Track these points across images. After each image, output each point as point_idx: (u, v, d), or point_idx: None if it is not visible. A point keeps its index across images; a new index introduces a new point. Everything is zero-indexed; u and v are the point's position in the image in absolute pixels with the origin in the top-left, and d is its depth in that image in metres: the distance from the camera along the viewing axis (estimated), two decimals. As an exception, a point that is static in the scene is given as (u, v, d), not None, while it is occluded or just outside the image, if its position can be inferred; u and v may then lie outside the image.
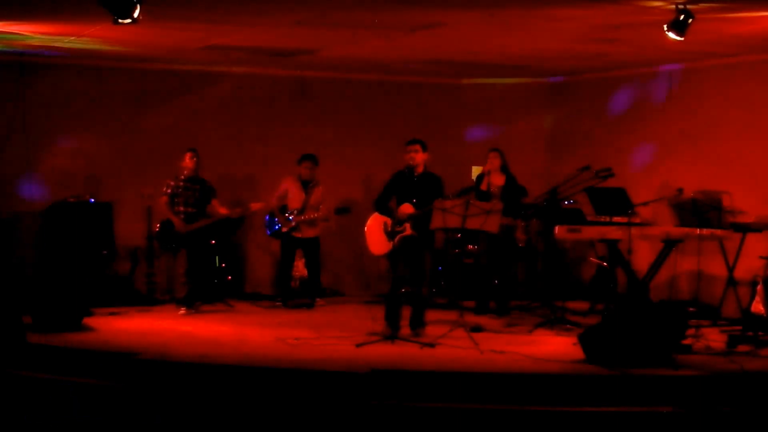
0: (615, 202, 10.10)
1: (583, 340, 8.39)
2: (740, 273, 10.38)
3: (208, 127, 12.70)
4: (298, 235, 11.69)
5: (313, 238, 11.77)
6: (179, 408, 7.41)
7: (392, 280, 9.60)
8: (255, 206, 11.46)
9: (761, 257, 9.94)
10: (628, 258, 10.27)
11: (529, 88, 13.62)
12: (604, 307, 10.73)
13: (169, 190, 11.11)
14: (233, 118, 12.95)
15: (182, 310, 11.05)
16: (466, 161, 13.13)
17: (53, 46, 10.98)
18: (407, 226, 9.43)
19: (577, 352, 8.41)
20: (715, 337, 9.23)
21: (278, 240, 11.85)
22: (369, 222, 9.71)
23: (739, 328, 9.37)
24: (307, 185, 11.74)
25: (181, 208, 11.08)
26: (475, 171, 12.36)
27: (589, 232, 10.24)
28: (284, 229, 11.66)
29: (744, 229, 10.24)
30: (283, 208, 11.71)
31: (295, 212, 11.63)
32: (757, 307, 9.36)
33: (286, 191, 11.75)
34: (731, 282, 10.40)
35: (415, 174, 9.52)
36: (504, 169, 11.16)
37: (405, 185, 9.54)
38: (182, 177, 11.13)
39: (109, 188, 12.22)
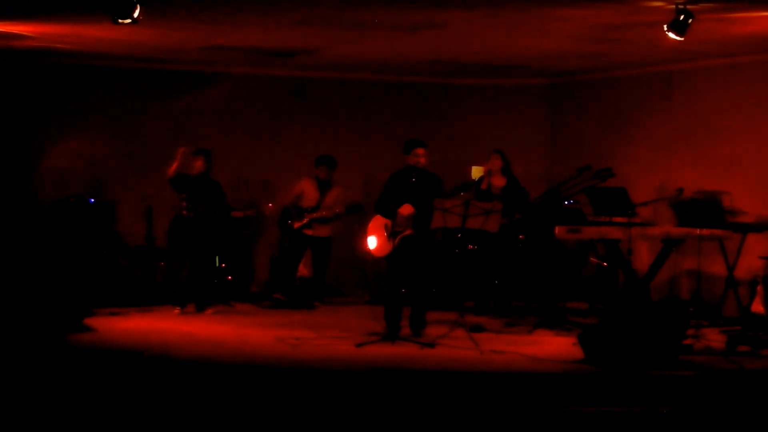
0: (615, 202, 10.08)
1: (583, 340, 8.39)
2: (740, 273, 10.39)
3: (208, 128, 12.69)
4: (310, 232, 11.67)
5: (324, 237, 11.76)
6: (180, 408, 7.40)
7: (392, 280, 9.60)
8: (268, 209, 11.53)
9: (761, 257, 9.95)
10: (628, 258, 10.27)
11: (529, 88, 13.62)
12: (604, 307, 10.73)
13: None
14: (233, 119, 12.95)
15: (177, 310, 11.07)
16: (466, 161, 13.13)
17: (53, 47, 10.98)
18: (408, 225, 9.43)
19: (577, 352, 8.42)
20: (715, 337, 9.23)
21: (288, 237, 11.84)
22: (370, 225, 9.71)
23: (739, 328, 9.37)
24: (323, 186, 11.74)
25: (191, 205, 11.02)
26: (475, 171, 12.36)
27: (590, 233, 10.23)
28: (296, 225, 11.64)
29: (744, 229, 10.25)
30: (298, 209, 11.71)
31: (309, 210, 11.64)
32: (757, 307, 9.37)
33: (302, 191, 11.75)
34: (731, 282, 10.40)
35: (414, 174, 9.52)
36: (506, 170, 11.15)
37: (404, 186, 9.53)
38: (193, 175, 11.09)
39: (110, 188, 12.22)
